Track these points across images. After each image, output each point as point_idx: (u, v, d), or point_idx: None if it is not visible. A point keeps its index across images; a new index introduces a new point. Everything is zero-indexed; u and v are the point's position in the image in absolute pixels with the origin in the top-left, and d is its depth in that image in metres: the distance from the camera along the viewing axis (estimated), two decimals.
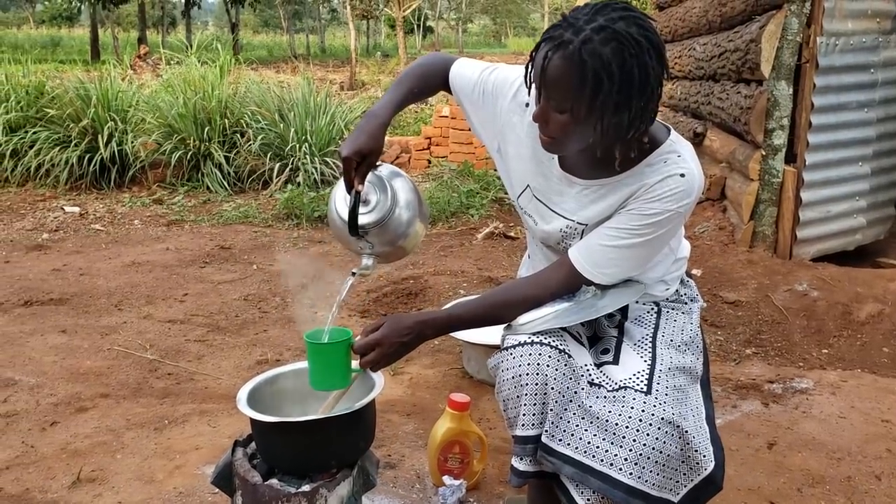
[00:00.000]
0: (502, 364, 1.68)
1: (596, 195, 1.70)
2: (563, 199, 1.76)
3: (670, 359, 1.68)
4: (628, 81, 1.46)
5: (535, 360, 1.62)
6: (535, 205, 1.81)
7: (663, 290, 1.86)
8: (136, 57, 13.36)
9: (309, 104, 7.34)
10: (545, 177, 1.78)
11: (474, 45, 50.59)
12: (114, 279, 4.34)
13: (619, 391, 1.60)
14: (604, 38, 1.44)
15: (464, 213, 5.96)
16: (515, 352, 1.66)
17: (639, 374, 1.64)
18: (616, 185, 1.67)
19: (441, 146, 8.10)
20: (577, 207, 1.73)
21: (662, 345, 1.72)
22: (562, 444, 1.59)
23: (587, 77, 1.46)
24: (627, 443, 1.54)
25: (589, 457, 1.57)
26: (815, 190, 4.45)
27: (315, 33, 48.39)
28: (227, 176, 6.79)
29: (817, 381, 3.10)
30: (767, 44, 4.21)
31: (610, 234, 1.66)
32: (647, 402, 1.57)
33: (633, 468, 1.53)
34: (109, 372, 3.15)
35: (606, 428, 1.57)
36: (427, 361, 3.29)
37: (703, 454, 1.57)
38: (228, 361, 3.28)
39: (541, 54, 1.53)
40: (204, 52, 7.88)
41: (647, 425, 1.54)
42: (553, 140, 1.60)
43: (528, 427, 1.63)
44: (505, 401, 1.67)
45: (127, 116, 7.07)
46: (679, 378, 1.65)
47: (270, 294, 4.15)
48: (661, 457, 1.54)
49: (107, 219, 5.87)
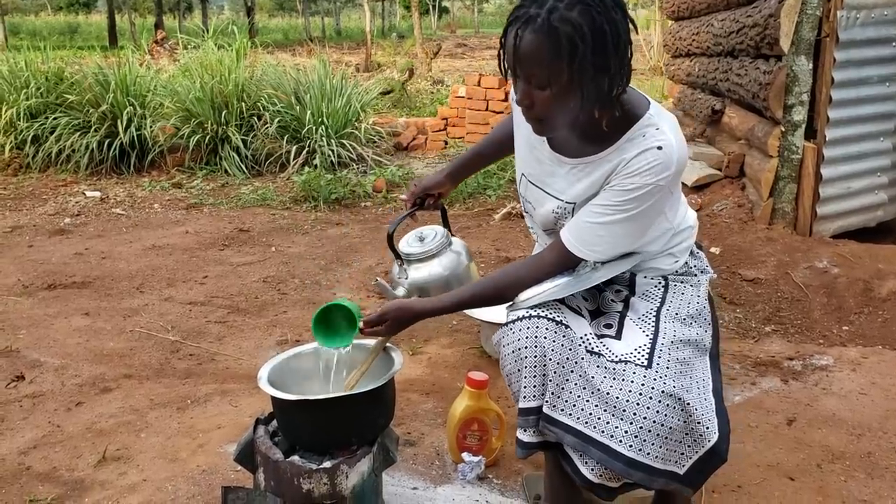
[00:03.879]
0: (503, 339, 1.71)
1: (582, 173, 1.72)
2: (555, 179, 1.78)
3: (674, 332, 1.69)
4: (601, 41, 1.48)
5: (534, 333, 1.65)
6: (531, 191, 1.85)
7: (671, 262, 1.84)
8: (154, 42, 13.39)
9: (325, 86, 7.34)
10: (538, 161, 1.82)
11: (490, 25, 50.19)
12: (135, 262, 4.39)
13: (619, 364, 1.62)
14: (568, 3, 1.46)
15: (481, 194, 5.96)
16: (514, 326, 1.68)
17: (640, 348, 1.65)
18: (599, 161, 1.68)
19: (458, 127, 8.09)
20: (566, 187, 1.75)
21: (667, 319, 1.73)
22: (563, 414, 1.62)
23: (561, 44, 1.47)
24: (628, 416, 1.55)
25: (590, 427, 1.59)
26: (835, 166, 4.40)
27: (330, 16, 48.28)
28: (244, 159, 6.82)
29: (837, 358, 3.09)
30: (787, 18, 4.16)
31: (595, 212, 1.67)
32: (647, 376, 1.58)
33: (634, 441, 1.55)
34: (132, 353, 3.19)
35: (607, 401, 1.58)
36: (445, 341, 3.30)
37: (706, 426, 1.57)
38: (249, 342, 3.32)
39: (510, 36, 1.53)
40: (220, 37, 7.89)
41: (648, 399, 1.55)
42: (540, 121, 1.62)
43: (530, 399, 1.66)
44: (508, 375, 1.71)
45: (145, 101, 7.11)
46: (683, 351, 1.65)
47: (289, 276, 4.18)
48: (664, 430, 1.55)
49: (127, 203, 5.92)
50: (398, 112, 9.99)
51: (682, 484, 1.60)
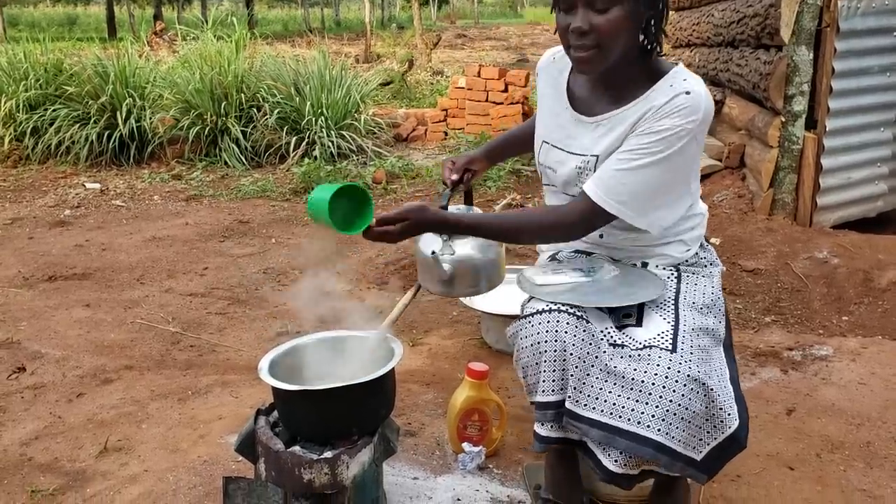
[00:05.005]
0: (521, 332, 1.69)
1: (607, 128, 1.74)
2: (577, 140, 1.81)
3: (693, 320, 1.69)
4: None
5: (554, 327, 1.64)
6: (552, 154, 1.87)
7: (683, 250, 1.87)
8: (153, 33, 13.36)
9: (325, 78, 7.33)
10: (560, 126, 1.85)
11: (490, 15, 50.13)
12: (135, 254, 4.39)
13: (643, 350, 1.61)
14: None
15: (481, 185, 5.95)
16: (534, 319, 1.67)
17: (663, 333, 1.64)
18: (626, 113, 1.70)
19: (457, 118, 8.07)
20: (590, 144, 1.78)
21: (685, 307, 1.73)
22: (587, 409, 1.60)
23: None
24: (654, 399, 1.54)
25: (615, 417, 1.57)
26: (835, 156, 4.40)
27: (330, 6, 48.10)
28: (244, 151, 6.81)
29: (837, 348, 3.10)
30: (787, 8, 4.15)
31: (621, 159, 1.68)
32: (672, 360, 1.57)
33: (661, 424, 1.54)
34: (133, 344, 3.19)
35: (632, 387, 1.57)
36: (446, 332, 3.31)
37: (727, 412, 1.57)
38: (249, 333, 3.32)
39: None
40: (220, 28, 7.87)
41: (674, 382, 1.54)
42: (597, 48, 1.62)
43: (549, 393, 1.65)
44: (524, 368, 1.69)
45: (145, 93, 7.10)
46: (702, 339, 1.65)
47: (289, 267, 4.18)
48: (688, 413, 1.54)
49: (127, 195, 5.92)
50: (398, 103, 9.97)
51: (698, 470, 1.59)
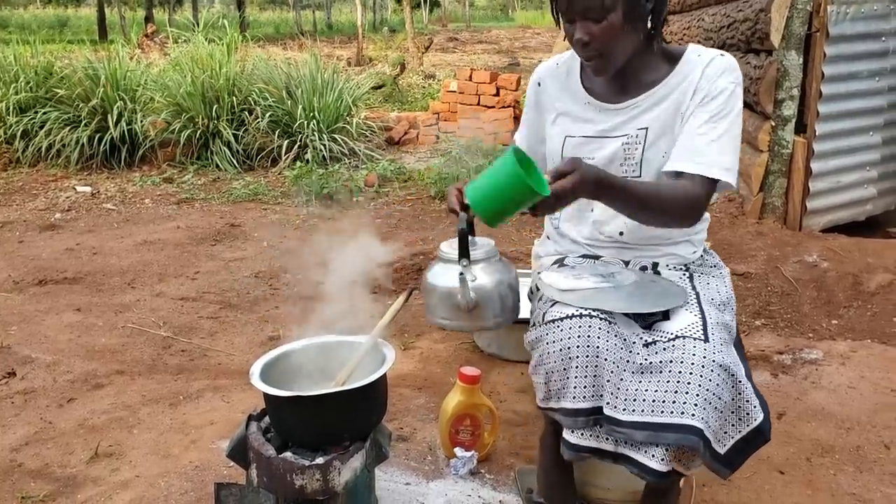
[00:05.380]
0: (547, 336, 1.66)
1: (641, 109, 1.80)
2: (613, 124, 1.83)
3: (716, 315, 1.70)
4: None
5: (586, 332, 1.61)
6: (584, 145, 1.87)
7: (690, 251, 1.91)
8: (144, 36, 13.32)
9: (316, 81, 7.32)
10: (586, 120, 1.87)
11: (481, 19, 50.18)
12: (126, 258, 4.38)
13: (676, 340, 1.59)
14: None
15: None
16: (563, 324, 1.64)
17: (693, 324, 1.63)
18: (662, 88, 1.78)
19: (449, 121, 8.08)
20: (628, 121, 1.81)
21: (705, 303, 1.74)
22: (626, 413, 1.57)
23: None
24: (693, 388, 1.52)
25: (658, 413, 1.54)
26: (825, 160, 4.42)
27: (321, 9, 48.06)
28: (235, 154, 6.80)
29: (827, 352, 3.11)
30: (777, 13, 4.18)
31: (703, 132, 1.72)
32: (707, 349, 1.56)
33: (702, 413, 1.52)
34: (124, 349, 3.19)
35: (668, 378, 1.55)
36: (438, 336, 3.31)
37: (753, 404, 1.56)
38: (241, 338, 3.32)
39: None
40: (211, 30, 7.86)
41: (710, 371, 1.53)
42: (601, 56, 1.69)
43: (580, 399, 1.62)
44: (548, 373, 1.65)
45: (136, 96, 7.08)
46: (724, 333, 1.66)
47: (281, 271, 4.18)
48: (720, 403, 1.53)
49: (118, 198, 5.90)
50: (390, 106, 9.97)
51: (721, 464, 1.57)
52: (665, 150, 1.79)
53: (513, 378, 2.92)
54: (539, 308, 1.80)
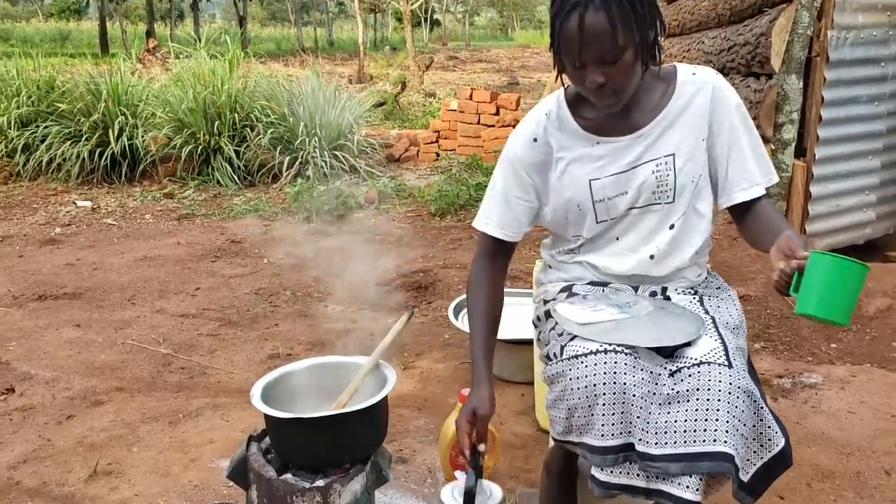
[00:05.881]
0: (570, 372, 1.64)
1: (659, 129, 1.79)
2: (627, 157, 1.81)
3: (733, 340, 1.69)
4: None
5: (612, 369, 1.59)
6: (609, 184, 1.82)
7: (697, 274, 1.90)
8: (145, 51, 13.38)
9: (318, 98, 7.36)
10: (599, 157, 1.82)
11: (481, 37, 50.45)
12: (126, 273, 4.38)
13: (702, 366, 1.58)
14: None
15: (473, 206, 5.96)
16: (587, 360, 1.62)
17: (715, 350, 1.62)
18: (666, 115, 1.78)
19: (449, 139, 8.11)
20: (646, 149, 1.79)
21: (721, 327, 1.73)
22: (659, 447, 1.55)
23: (626, 11, 1.57)
24: (722, 415, 1.51)
25: (691, 444, 1.52)
26: (824, 184, 4.44)
27: (323, 26, 48.32)
28: (236, 170, 6.83)
29: (826, 376, 3.11)
30: (778, 37, 4.20)
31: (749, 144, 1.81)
32: (731, 374, 1.55)
33: (731, 439, 1.50)
34: (124, 366, 3.18)
35: (696, 406, 1.53)
36: (438, 355, 3.31)
37: (774, 430, 1.56)
38: (240, 355, 3.31)
39: (570, 25, 1.59)
40: (213, 46, 7.90)
41: (735, 397, 1.52)
42: (616, 93, 1.67)
43: (609, 437, 1.60)
44: (571, 409, 1.63)
45: (137, 111, 7.11)
46: (743, 358, 1.66)
47: (281, 288, 4.18)
48: (745, 429, 1.53)
49: (118, 213, 5.91)
50: (390, 124, 10.02)
51: (745, 492, 1.56)
52: (693, 176, 1.80)
53: (513, 400, 2.91)
54: (556, 341, 1.77)
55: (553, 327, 1.84)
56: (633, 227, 1.85)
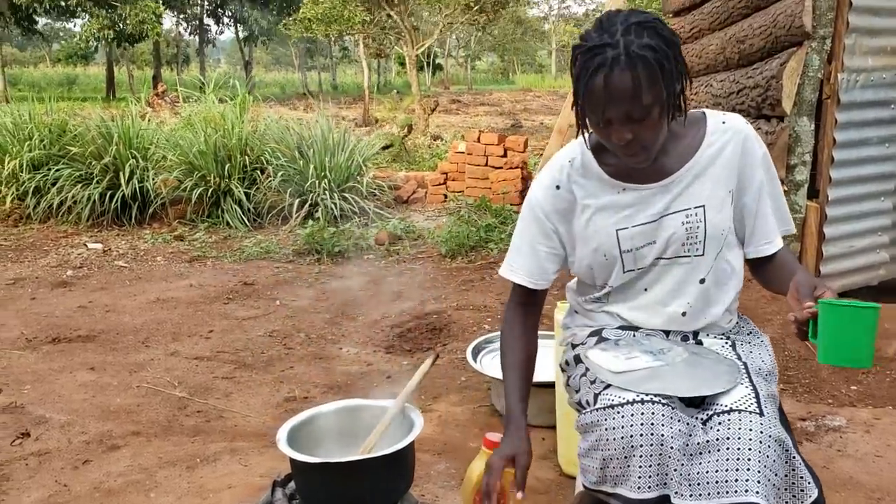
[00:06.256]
0: (606, 422, 1.61)
1: (688, 178, 1.78)
2: (655, 206, 1.79)
3: (765, 387, 1.67)
4: (676, 51, 1.61)
5: (649, 420, 1.57)
6: (639, 231, 1.80)
7: (728, 320, 1.88)
8: (154, 95, 13.53)
9: (328, 141, 7.42)
10: (627, 206, 1.80)
11: (482, 81, 50.99)
12: (139, 316, 4.37)
13: (731, 414, 1.57)
14: (637, 32, 1.56)
15: (483, 248, 5.97)
16: (624, 410, 1.60)
17: (746, 397, 1.61)
18: (699, 162, 1.77)
19: (457, 181, 8.15)
20: (675, 197, 1.77)
21: (754, 374, 1.71)
22: (693, 499, 1.53)
23: (654, 69, 1.56)
24: (753, 464, 1.49)
25: (724, 494, 1.51)
26: (838, 225, 4.44)
27: (326, 71, 48.91)
28: (246, 212, 6.85)
29: (850, 419, 3.08)
30: (789, 80, 4.24)
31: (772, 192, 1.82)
32: (763, 423, 1.53)
33: (763, 489, 1.49)
34: (139, 409, 3.15)
35: (727, 456, 1.52)
36: (455, 398, 3.28)
37: (807, 480, 1.53)
38: (257, 399, 3.28)
39: (596, 84, 1.58)
40: (220, 90, 7.98)
41: (767, 447, 1.51)
42: (645, 148, 1.66)
43: (646, 490, 1.58)
44: (606, 459, 1.61)
45: (148, 154, 7.16)
46: (774, 406, 1.64)
47: (295, 330, 4.16)
48: (777, 479, 1.50)
49: (130, 255, 5.91)
50: (397, 166, 10.08)
51: None
52: (722, 228, 1.78)
53: (534, 444, 2.84)
54: (588, 388, 1.75)
55: (584, 373, 1.81)
56: (661, 279, 1.83)
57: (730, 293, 1.85)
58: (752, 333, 1.96)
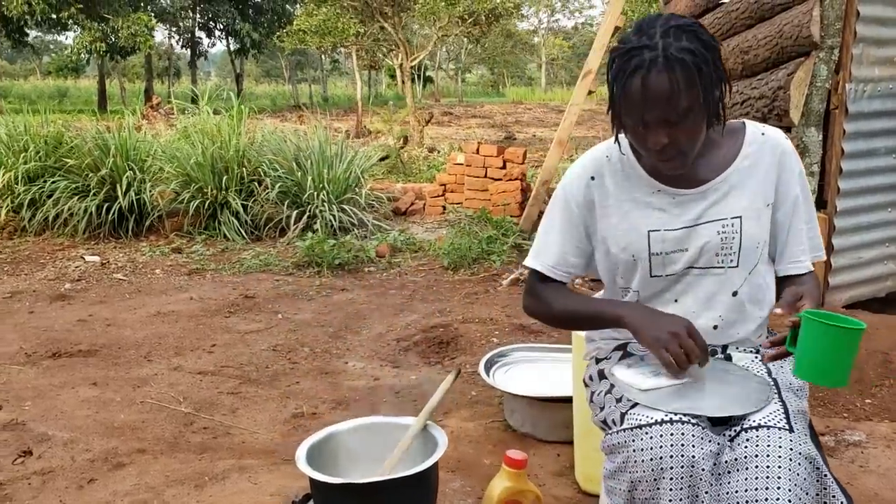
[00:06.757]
0: (634, 443, 1.55)
1: (722, 192, 1.74)
2: (689, 212, 1.75)
3: (795, 402, 1.63)
4: (715, 55, 1.58)
5: (679, 441, 1.52)
6: (672, 236, 1.75)
7: (759, 335, 1.83)
8: (149, 107, 13.47)
9: (325, 152, 7.37)
10: (660, 209, 1.76)
11: (473, 94, 51.02)
12: (140, 329, 4.29)
13: (760, 430, 1.52)
14: (675, 35, 1.54)
15: (485, 260, 5.92)
16: (653, 431, 1.54)
17: (775, 412, 1.56)
18: (737, 172, 1.74)
19: (456, 192, 8.10)
20: (711, 206, 1.74)
21: (784, 388, 1.67)
22: None
23: (692, 71, 1.53)
24: (784, 482, 1.45)
25: None
26: (846, 236, 4.41)
27: (317, 83, 48.90)
28: (244, 224, 6.79)
29: (869, 434, 3.03)
30: (797, 91, 4.21)
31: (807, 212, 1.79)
32: (792, 440, 1.49)
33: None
34: (144, 426, 3.08)
35: (756, 475, 1.47)
36: (466, 413, 3.21)
37: (839, 500, 1.49)
38: (263, 415, 3.21)
39: (634, 86, 1.55)
40: (213, 102, 7.92)
41: (797, 464, 1.46)
42: (681, 153, 1.63)
43: None
44: (634, 482, 1.55)
45: (145, 166, 7.10)
46: (804, 422, 1.59)
47: (298, 344, 4.09)
48: (807, 498, 1.45)
49: (128, 268, 5.83)
50: (394, 178, 10.03)
51: None
52: (758, 241, 1.74)
53: (549, 460, 2.82)
54: (614, 407, 1.69)
55: (608, 390, 1.76)
56: (692, 290, 1.78)
57: (764, 310, 1.81)
58: None
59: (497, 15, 17.12)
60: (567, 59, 50.39)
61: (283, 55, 41.32)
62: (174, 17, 33.17)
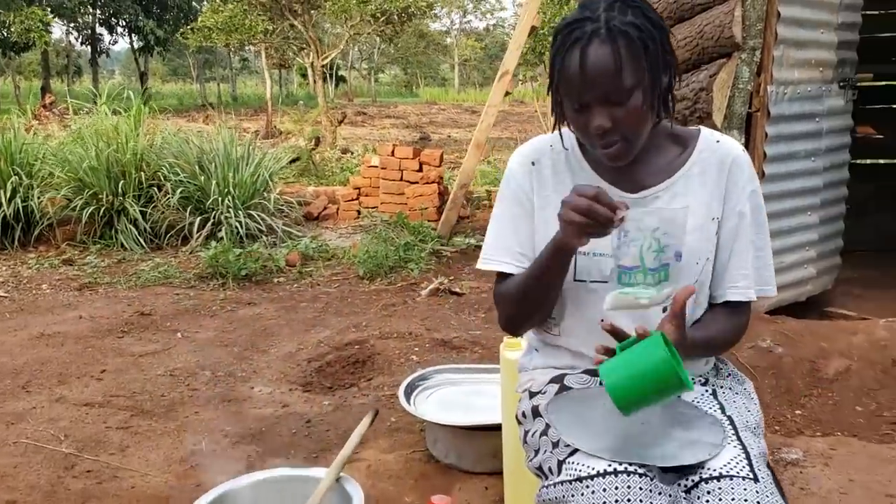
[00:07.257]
0: (574, 499, 1.36)
1: (667, 196, 1.57)
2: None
3: (756, 444, 1.46)
4: (663, 36, 1.45)
5: (625, 496, 1.32)
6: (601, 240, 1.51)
7: (704, 363, 1.68)
8: (41, 106, 12.68)
9: (231, 155, 6.99)
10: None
11: (386, 94, 50.60)
12: (20, 355, 3.86)
13: (723, 480, 1.34)
14: (621, 9, 1.42)
15: (402, 268, 5.67)
16: (594, 484, 1.34)
17: (736, 459, 1.39)
18: (682, 179, 1.58)
19: (371, 196, 7.84)
20: (649, 213, 1.51)
21: (741, 428, 1.50)
22: None
23: (636, 44, 1.39)
24: None
25: None
26: None
27: (226, 82, 47.66)
28: (143, 232, 6.37)
29: (806, 451, 2.91)
30: (719, 92, 4.11)
31: (758, 246, 1.64)
32: (759, 492, 1.33)
33: None
34: (16, 472, 2.70)
35: None
36: (385, 444, 2.95)
37: None
38: (157, 453, 2.88)
39: (573, 60, 1.40)
40: (113, 102, 7.43)
41: None
42: (624, 140, 1.45)
43: None
44: None
45: (33, 170, 6.59)
46: (766, 467, 1.43)
47: (199, 368, 3.75)
48: None
49: (11, 283, 5.33)
50: (306, 181, 9.67)
51: None
52: (699, 256, 1.57)
53: (476, 495, 2.58)
54: (550, 453, 1.48)
55: (544, 430, 1.54)
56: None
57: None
58: (732, 376, 1.74)
59: (410, 14, 16.87)
60: (479, 60, 50.58)
61: (189, 53, 40.13)
62: (72, 12, 31.65)
